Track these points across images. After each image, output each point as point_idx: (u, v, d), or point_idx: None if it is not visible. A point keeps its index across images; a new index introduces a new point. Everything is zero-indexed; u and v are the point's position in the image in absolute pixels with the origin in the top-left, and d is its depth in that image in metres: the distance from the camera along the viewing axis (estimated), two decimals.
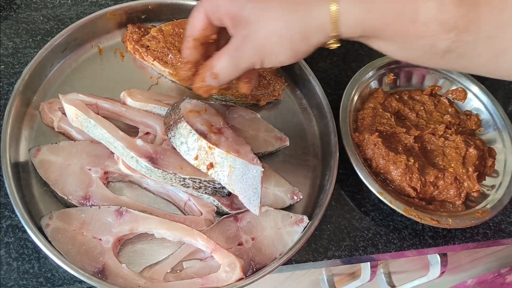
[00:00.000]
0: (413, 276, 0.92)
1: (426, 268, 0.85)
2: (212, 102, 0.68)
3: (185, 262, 0.58)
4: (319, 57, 0.78)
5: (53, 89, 0.65)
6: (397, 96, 0.76)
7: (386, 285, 0.94)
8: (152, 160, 0.56)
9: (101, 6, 0.74)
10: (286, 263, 0.60)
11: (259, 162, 0.57)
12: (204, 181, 0.57)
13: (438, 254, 0.75)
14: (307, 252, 0.63)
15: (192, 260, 0.58)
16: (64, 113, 0.61)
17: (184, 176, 0.56)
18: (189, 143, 0.56)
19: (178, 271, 0.57)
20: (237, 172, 0.56)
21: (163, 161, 0.57)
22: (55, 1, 0.73)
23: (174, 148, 0.58)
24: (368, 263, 0.75)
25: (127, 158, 0.57)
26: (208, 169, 0.56)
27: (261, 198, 0.57)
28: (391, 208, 0.64)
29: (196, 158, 0.56)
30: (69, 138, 0.62)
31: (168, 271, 0.57)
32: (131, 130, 0.63)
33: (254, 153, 0.64)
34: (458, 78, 0.78)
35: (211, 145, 0.56)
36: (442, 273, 0.78)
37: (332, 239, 0.64)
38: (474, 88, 0.77)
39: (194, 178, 0.57)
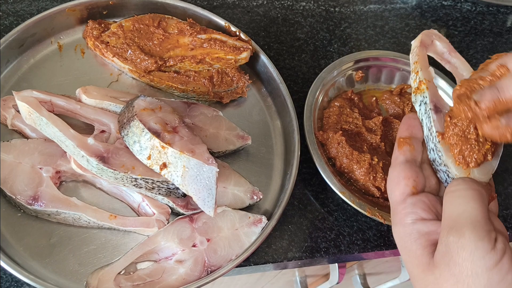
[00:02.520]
0: (388, 278, 0.90)
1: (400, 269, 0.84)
2: (173, 99, 0.66)
3: (138, 263, 0.57)
4: (287, 54, 0.76)
5: (8, 86, 0.64)
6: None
7: (360, 287, 0.92)
8: (103, 159, 0.55)
9: (63, 1, 0.72)
10: (244, 264, 0.59)
11: (214, 162, 0.56)
12: (157, 181, 0.56)
13: None
14: (267, 254, 0.61)
15: (145, 262, 0.57)
16: (18, 111, 0.60)
17: (136, 176, 0.55)
18: (141, 142, 0.55)
19: (131, 273, 0.56)
20: (191, 173, 0.55)
21: (114, 160, 0.55)
22: None
23: (127, 147, 0.56)
24: (336, 264, 0.74)
25: (78, 157, 0.56)
26: (161, 169, 0.55)
27: (216, 199, 0.56)
28: (355, 209, 0.62)
29: (149, 157, 0.55)
30: (23, 136, 0.61)
31: (121, 273, 0.55)
32: (89, 128, 0.61)
33: (215, 152, 0.63)
34: None
35: (164, 145, 0.54)
36: None
37: (293, 240, 0.63)
38: (442, 83, 0.74)
39: (146, 179, 0.55)
